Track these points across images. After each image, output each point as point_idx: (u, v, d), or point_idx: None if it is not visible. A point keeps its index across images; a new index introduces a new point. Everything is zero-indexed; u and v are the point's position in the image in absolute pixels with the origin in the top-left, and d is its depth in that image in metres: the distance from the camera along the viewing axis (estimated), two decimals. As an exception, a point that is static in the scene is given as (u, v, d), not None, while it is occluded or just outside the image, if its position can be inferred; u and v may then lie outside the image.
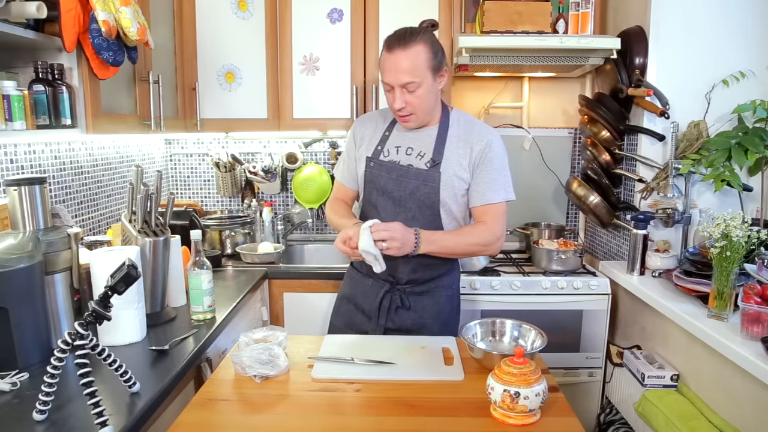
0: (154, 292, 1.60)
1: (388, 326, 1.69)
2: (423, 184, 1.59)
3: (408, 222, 1.57)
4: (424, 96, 1.53)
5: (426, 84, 1.51)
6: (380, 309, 1.68)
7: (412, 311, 1.68)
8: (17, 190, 1.35)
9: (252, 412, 1.16)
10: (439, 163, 1.58)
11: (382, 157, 1.65)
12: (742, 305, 1.50)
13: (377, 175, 1.65)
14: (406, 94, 1.52)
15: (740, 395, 1.54)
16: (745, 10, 2.11)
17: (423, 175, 1.59)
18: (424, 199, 1.60)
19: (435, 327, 1.69)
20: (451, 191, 1.59)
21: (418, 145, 1.62)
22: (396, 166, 1.62)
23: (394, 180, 1.62)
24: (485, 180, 1.58)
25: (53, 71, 1.49)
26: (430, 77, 1.52)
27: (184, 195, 2.94)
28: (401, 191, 1.61)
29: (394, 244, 1.46)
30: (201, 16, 2.40)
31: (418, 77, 1.49)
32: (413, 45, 1.49)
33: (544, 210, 2.83)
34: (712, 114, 2.13)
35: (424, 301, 1.69)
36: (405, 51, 1.49)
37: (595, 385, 2.34)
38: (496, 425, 1.10)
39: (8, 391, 1.18)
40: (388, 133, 1.67)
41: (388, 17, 2.43)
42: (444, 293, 1.72)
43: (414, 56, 1.49)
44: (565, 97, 2.81)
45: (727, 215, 1.60)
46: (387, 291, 1.68)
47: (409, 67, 1.48)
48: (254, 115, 2.50)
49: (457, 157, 1.59)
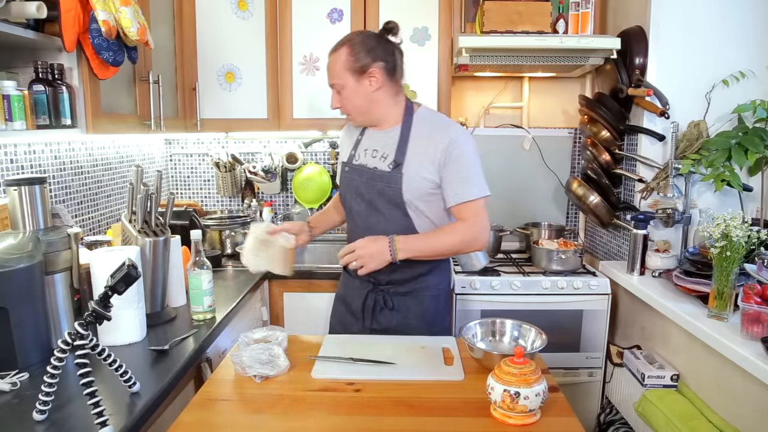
0: (154, 292, 1.60)
1: (373, 327, 1.69)
2: (387, 186, 1.60)
3: (381, 223, 1.62)
4: (350, 98, 1.60)
5: (348, 86, 1.58)
6: (364, 309, 1.70)
7: (396, 311, 1.68)
8: (17, 190, 1.35)
9: (252, 412, 1.16)
10: (401, 164, 1.59)
11: (354, 161, 1.69)
12: (742, 305, 1.50)
13: (351, 179, 1.69)
14: (337, 94, 1.62)
15: (740, 395, 1.54)
16: (745, 10, 2.11)
17: (386, 177, 1.60)
18: (391, 200, 1.61)
19: (420, 328, 1.68)
20: (415, 191, 1.59)
21: (382, 146, 1.64)
22: (365, 169, 1.65)
23: (365, 183, 1.65)
24: (456, 178, 1.57)
25: (53, 71, 1.49)
26: (351, 80, 1.58)
27: (184, 195, 2.94)
28: (371, 193, 1.64)
29: (362, 260, 1.51)
30: (201, 16, 2.40)
31: (339, 79, 1.59)
32: (338, 49, 1.59)
33: (544, 210, 2.83)
34: (712, 114, 2.14)
35: (408, 302, 1.69)
36: (332, 55, 1.60)
37: (595, 385, 2.34)
38: (496, 425, 1.10)
39: (8, 391, 1.18)
40: (360, 137, 1.72)
41: (388, 17, 2.41)
42: (428, 293, 1.70)
43: (335, 60, 1.59)
44: (565, 97, 2.81)
45: (727, 215, 1.60)
46: (370, 291, 1.69)
47: (332, 71, 1.60)
48: (254, 115, 2.50)
49: (420, 157, 1.58)
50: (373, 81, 1.58)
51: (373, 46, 1.58)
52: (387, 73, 1.59)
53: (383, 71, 1.58)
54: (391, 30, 1.62)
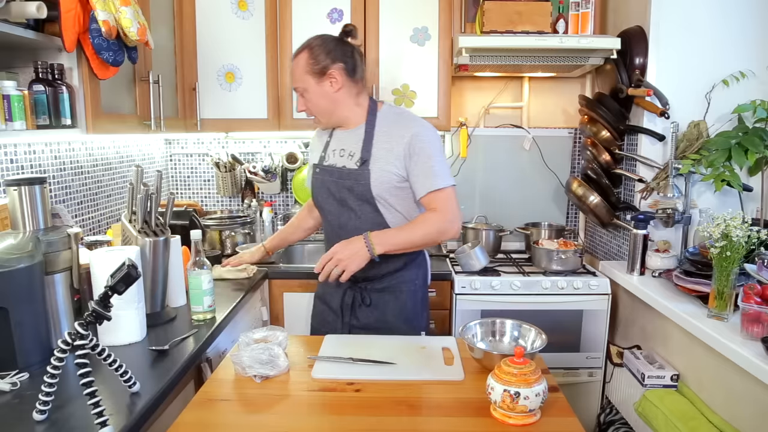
0: (154, 292, 1.60)
1: (353, 323, 1.74)
2: (356, 183, 1.66)
3: (353, 220, 1.68)
4: (314, 99, 1.66)
5: (310, 88, 1.65)
6: (343, 307, 1.75)
7: (374, 308, 1.73)
8: (17, 190, 1.35)
9: (252, 412, 1.16)
10: (367, 161, 1.65)
11: (324, 163, 1.74)
12: (742, 305, 1.50)
13: (322, 180, 1.74)
14: (301, 98, 1.68)
15: (740, 395, 1.54)
16: (745, 10, 2.11)
17: (355, 175, 1.66)
18: (361, 197, 1.66)
19: (399, 324, 1.72)
20: (383, 186, 1.64)
21: (348, 145, 1.70)
22: (334, 169, 1.71)
23: (335, 182, 1.70)
24: (422, 170, 1.61)
25: (53, 71, 1.49)
26: (312, 82, 1.64)
27: (184, 195, 2.94)
28: (342, 191, 1.69)
29: (343, 264, 1.55)
30: (201, 16, 2.40)
31: (301, 83, 1.65)
32: (299, 53, 1.65)
33: (544, 210, 2.83)
34: (712, 114, 2.14)
35: (386, 298, 1.73)
36: (295, 58, 1.66)
37: (595, 385, 2.34)
38: (496, 425, 1.10)
39: (8, 391, 1.18)
40: (329, 139, 1.77)
41: (388, 17, 2.43)
42: (406, 288, 1.74)
43: (296, 64, 1.65)
44: (565, 97, 2.81)
45: (727, 215, 1.60)
46: (348, 288, 1.73)
47: (294, 74, 1.66)
48: (254, 115, 2.50)
49: (385, 152, 1.64)
50: (333, 82, 1.64)
51: (332, 48, 1.64)
52: (347, 73, 1.65)
53: (343, 72, 1.64)
54: (350, 33, 1.69)
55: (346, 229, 1.69)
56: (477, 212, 2.82)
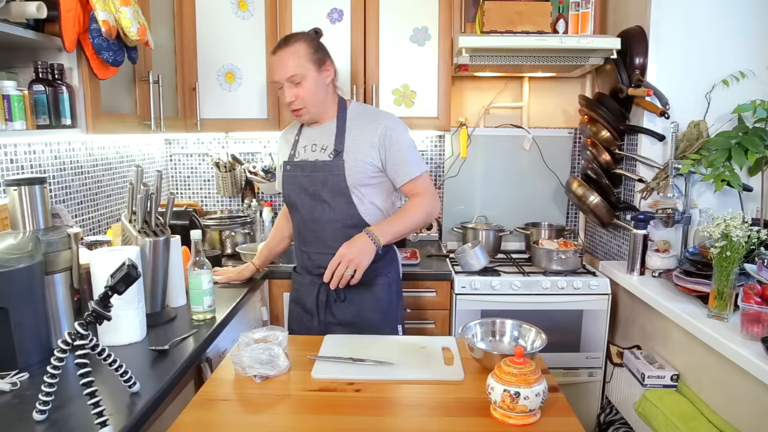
0: (154, 292, 1.60)
1: (329, 320, 1.77)
2: (330, 174, 1.69)
3: (327, 212, 1.72)
4: (311, 88, 1.67)
5: (311, 76, 1.67)
6: (318, 304, 1.76)
7: (349, 304, 1.75)
8: (17, 190, 1.35)
9: (252, 412, 1.16)
10: (341, 152, 1.69)
11: (294, 159, 1.78)
12: (742, 305, 1.50)
13: (293, 176, 1.76)
14: (293, 87, 1.67)
15: (740, 395, 1.54)
16: (745, 10, 2.11)
17: (329, 166, 1.70)
18: (335, 188, 1.70)
19: (375, 318, 1.75)
20: (357, 176, 1.69)
21: (321, 140, 1.74)
22: (307, 164, 1.74)
23: (307, 176, 1.73)
24: (400, 160, 1.70)
25: (53, 71, 1.49)
26: (314, 69, 1.67)
27: (184, 195, 2.94)
28: (314, 185, 1.72)
29: (354, 263, 1.57)
30: (201, 16, 2.40)
31: (301, 69, 1.65)
32: (293, 43, 1.67)
33: (544, 210, 2.83)
34: (712, 114, 2.14)
35: (361, 293, 1.74)
36: (288, 48, 1.67)
37: (595, 385, 2.34)
38: (496, 425, 1.10)
39: (8, 391, 1.18)
40: (297, 137, 1.81)
41: (388, 17, 2.43)
42: (380, 282, 1.76)
43: (295, 51, 1.66)
44: (565, 97, 2.81)
45: (727, 215, 1.60)
46: (321, 285, 1.73)
47: (291, 62, 1.66)
48: (254, 115, 2.50)
49: (358, 143, 1.69)
50: (329, 73, 1.72)
51: (320, 43, 1.73)
52: (335, 68, 1.73)
53: (333, 65, 1.73)
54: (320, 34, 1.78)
55: (319, 222, 1.73)
56: (477, 212, 2.82)
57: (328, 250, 1.68)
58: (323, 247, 1.74)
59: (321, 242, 1.75)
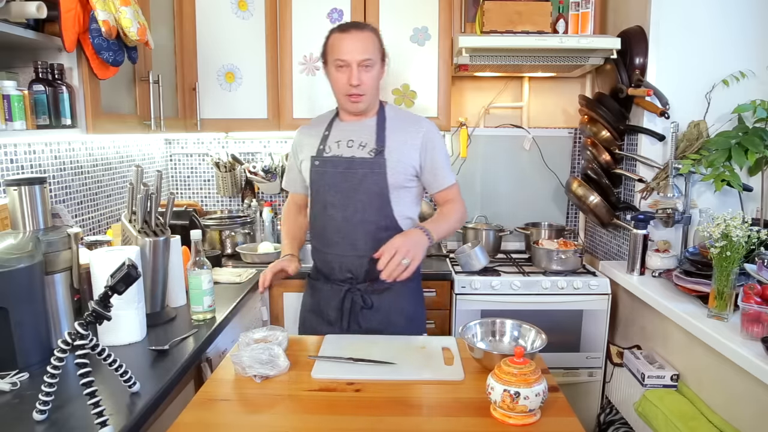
0: (154, 292, 1.60)
1: (353, 329, 1.67)
2: (370, 172, 1.63)
3: (359, 212, 1.64)
4: (375, 77, 1.64)
5: (377, 67, 1.64)
6: (342, 311, 1.68)
7: (375, 310, 1.68)
8: (17, 190, 1.35)
9: (252, 412, 1.16)
10: (382, 151, 1.64)
11: (325, 154, 1.68)
12: (742, 305, 1.50)
13: (323, 172, 1.68)
14: (362, 72, 1.60)
15: (740, 395, 1.54)
16: (745, 10, 2.11)
17: (369, 164, 1.63)
18: (373, 187, 1.63)
19: (401, 324, 1.69)
20: (399, 177, 1.64)
21: (359, 136, 1.67)
22: (341, 160, 1.66)
23: (341, 173, 1.65)
24: (438, 165, 1.68)
25: (53, 71, 1.49)
26: (380, 62, 1.65)
27: (184, 195, 2.94)
28: (349, 183, 1.64)
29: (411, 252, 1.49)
30: (201, 16, 2.40)
31: (372, 56, 1.61)
32: (367, 30, 1.64)
33: (544, 210, 2.83)
34: (712, 114, 2.14)
35: (387, 298, 1.69)
36: (363, 32, 1.62)
37: (595, 385, 2.34)
38: (496, 425, 1.10)
39: (8, 391, 1.18)
40: (327, 132, 1.72)
41: (388, 17, 2.43)
42: (406, 288, 1.71)
43: (370, 37, 1.63)
44: (565, 97, 2.81)
45: (727, 215, 1.60)
46: (347, 291, 1.68)
47: (366, 47, 1.61)
48: (254, 115, 2.50)
49: (399, 144, 1.65)
50: (383, 71, 1.69)
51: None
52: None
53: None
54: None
55: (351, 222, 1.65)
56: (477, 212, 2.82)
57: (357, 253, 1.64)
58: (352, 249, 1.66)
59: (350, 244, 1.66)
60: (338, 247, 1.68)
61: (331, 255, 1.70)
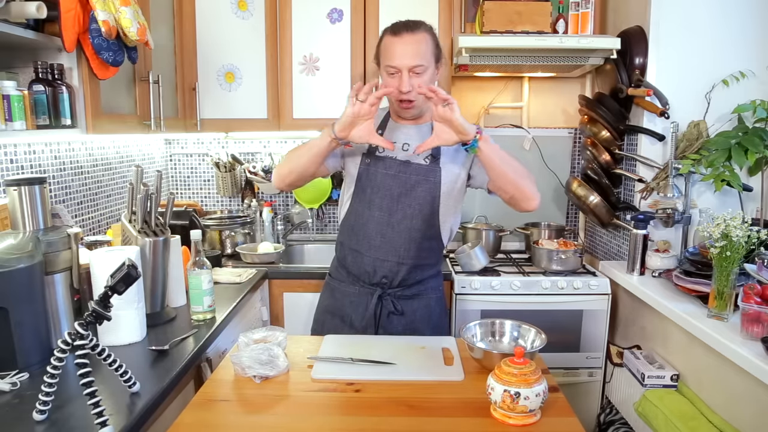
0: (154, 292, 1.60)
1: (378, 335, 1.65)
2: (424, 180, 1.59)
3: (404, 221, 1.60)
4: (427, 82, 1.52)
5: (430, 70, 1.54)
6: (374, 316, 1.65)
7: (403, 317, 1.67)
8: (17, 190, 1.35)
9: (252, 413, 1.16)
10: (438, 158, 1.60)
11: (378, 153, 1.62)
12: (742, 305, 1.50)
13: (374, 172, 1.62)
14: (413, 77, 1.52)
15: (740, 395, 1.54)
16: (745, 10, 2.11)
17: (424, 171, 1.59)
18: (425, 195, 1.59)
19: (426, 332, 1.67)
20: (451, 185, 1.61)
21: (415, 141, 1.60)
22: (394, 162, 1.60)
23: (393, 176, 1.60)
24: None
25: (53, 71, 1.49)
26: (434, 65, 1.56)
27: (184, 195, 2.94)
28: (400, 187, 1.60)
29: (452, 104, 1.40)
30: (201, 16, 2.40)
31: (425, 61, 1.52)
32: (420, 32, 1.54)
33: (544, 210, 2.83)
34: (712, 114, 2.13)
35: (415, 305, 1.68)
36: (414, 35, 1.52)
37: (595, 385, 2.34)
38: (496, 425, 1.10)
39: (8, 391, 1.18)
40: (380, 131, 1.64)
41: (388, 17, 2.43)
42: (432, 295, 1.71)
43: (423, 40, 1.53)
44: (565, 97, 2.81)
45: (727, 215, 1.60)
46: (381, 296, 1.65)
47: (417, 51, 1.51)
48: (254, 115, 2.50)
49: (452, 151, 1.61)
50: (439, 72, 1.60)
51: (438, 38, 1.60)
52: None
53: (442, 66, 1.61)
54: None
55: (396, 228, 1.60)
56: (477, 212, 2.82)
57: (398, 259, 1.61)
58: (393, 254, 1.61)
59: (392, 249, 1.61)
60: (378, 250, 1.62)
61: (368, 257, 1.64)
